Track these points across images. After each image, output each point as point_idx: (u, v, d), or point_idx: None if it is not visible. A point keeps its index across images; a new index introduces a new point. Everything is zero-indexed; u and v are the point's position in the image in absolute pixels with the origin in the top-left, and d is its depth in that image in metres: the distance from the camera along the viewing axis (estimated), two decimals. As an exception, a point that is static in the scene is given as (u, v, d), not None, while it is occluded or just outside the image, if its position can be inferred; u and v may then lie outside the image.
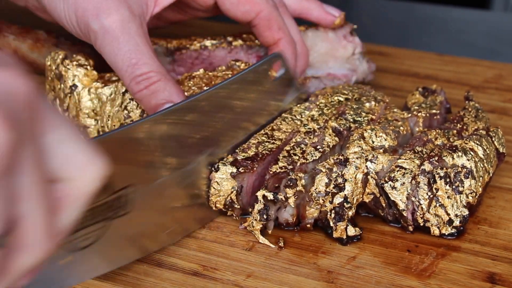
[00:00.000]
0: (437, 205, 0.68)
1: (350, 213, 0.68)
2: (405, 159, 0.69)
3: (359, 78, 0.93)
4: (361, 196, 0.69)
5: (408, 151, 0.71)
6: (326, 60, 0.91)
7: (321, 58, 0.90)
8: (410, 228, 0.69)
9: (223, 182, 0.68)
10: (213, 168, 0.69)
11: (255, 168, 0.69)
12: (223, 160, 0.69)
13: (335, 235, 0.68)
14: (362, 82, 0.93)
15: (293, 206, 0.68)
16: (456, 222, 0.68)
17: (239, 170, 0.68)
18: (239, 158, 0.69)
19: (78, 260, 0.57)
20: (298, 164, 0.69)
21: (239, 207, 0.69)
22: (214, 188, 0.69)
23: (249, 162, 0.69)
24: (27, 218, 0.41)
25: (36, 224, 0.41)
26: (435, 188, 0.68)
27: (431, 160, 0.69)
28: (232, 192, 0.69)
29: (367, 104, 0.78)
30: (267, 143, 0.71)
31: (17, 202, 0.40)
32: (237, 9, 0.80)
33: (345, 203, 0.68)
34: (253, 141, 0.72)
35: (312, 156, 0.70)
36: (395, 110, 0.78)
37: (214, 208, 0.70)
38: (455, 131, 0.75)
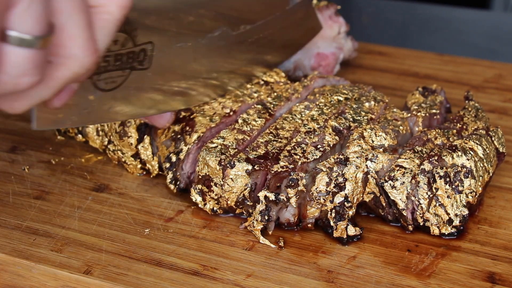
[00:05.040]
0: (437, 204, 0.68)
1: (351, 212, 0.68)
2: (405, 159, 0.69)
3: (345, 55, 1.00)
4: (361, 195, 0.69)
5: (408, 151, 0.71)
6: (315, 41, 0.94)
7: None
8: (410, 228, 0.69)
9: (238, 179, 0.68)
10: (228, 165, 0.69)
11: (269, 166, 0.69)
12: (236, 157, 0.69)
13: (335, 234, 0.68)
14: (347, 61, 0.99)
15: (294, 206, 0.68)
16: (456, 222, 0.68)
17: (254, 167, 0.68)
18: (251, 156, 0.69)
19: (102, 101, 0.64)
20: (299, 163, 0.69)
21: (251, 204, 0.69)
22: (228, 184, 0.69)
23: (262, 160, 0.69)
24: (68, 27, 0.48)
25: (76, 34, 0.49)
26: (435, 188, 0.68)
27: (431, 159, 0.69)
28: (245, 189, 0.69)
29: (367, 104, 0.78)
30: (274, 142, 0.72)
31: (58, 11, 0.48)
32: None
33: (345, 202, 0.68)
34: (261, 140, 0.72)
35: (313, 155, 0.70)
36: (395, 110, 0.78)
37: (225, 206, 0.70)
38: (454, 131, 0.75)
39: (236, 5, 0.76)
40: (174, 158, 0.73)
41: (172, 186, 0.74)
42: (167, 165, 0.74)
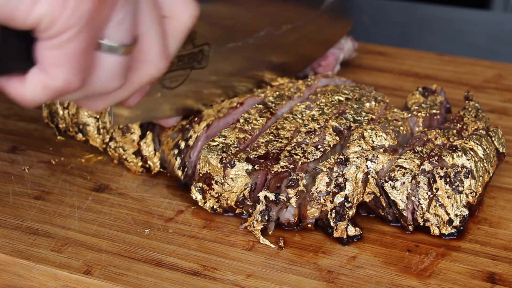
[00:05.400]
0: (437, 204, 0.68)
1: (351, 212, 0.68)
2: (405, 159, 0.69)
3: (345, 55, 1.00)
4: (361, 195, 0.69)
5: (408, 151, 0.71)
6: None
7: None
8: (410, 228, 0.69)
9: (238, 179, 0.69)
10: (228, 165, 0.69)
11: (269, 166, 0.69)
12: (236, 157, 0.69)
13: (335, 234, 0.68)
14: (347, 61, 0.99)
15: (294, 206, 0.68)
16: (456, 222, 0.68)
17: (255, 167, 0.68)
18: (251, 156, 0.69)
19: (167, 98, 0.73)
20: (300, 163, 0.69)
21: (251, 203, 0.69)
22: (228, 184, 0.69)
23: (262, 160, 0.69)
24: (147, 36, 0.54)
25: (154, 42, 0.55)
26: (435, 188, 0.68)
27: (431, 159, 0.69)
28: (245, 188, 0.69)
29: (367, 104, 0.78)
30: (275, 142, 0.72)
31: (140, 22, 0.54)
32: None
33: (345, 203, 0.68)
34: (262, 140, 0.72)
35: (313, 155, 0.70)
36: (395, 110, 0.78)
37: (225, 205, 0.70)
38: (455, 131, 0.75)
39: (276, 6, 0.83)
40: (183, 145, 0.74)
41: (180, 173, 0.74)
42: (175, 151, 0.74)
